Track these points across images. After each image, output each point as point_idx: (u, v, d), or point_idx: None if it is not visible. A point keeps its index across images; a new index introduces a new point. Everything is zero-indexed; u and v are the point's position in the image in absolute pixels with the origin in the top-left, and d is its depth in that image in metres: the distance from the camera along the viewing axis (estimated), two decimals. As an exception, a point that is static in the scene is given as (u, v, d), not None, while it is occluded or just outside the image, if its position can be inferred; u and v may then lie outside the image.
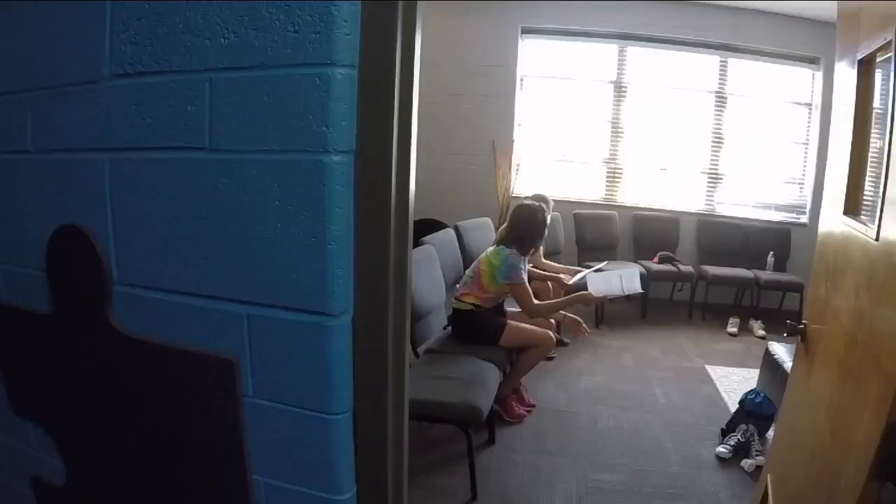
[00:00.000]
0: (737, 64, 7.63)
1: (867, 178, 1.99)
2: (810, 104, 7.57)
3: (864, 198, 1.97)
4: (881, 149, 1.64)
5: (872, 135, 1.95)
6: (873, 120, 1.99)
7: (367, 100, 1.16)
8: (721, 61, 7.62)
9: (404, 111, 1.21)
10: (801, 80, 7.59)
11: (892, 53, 1.63)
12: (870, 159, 1.97)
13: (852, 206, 1.99)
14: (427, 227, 5.73)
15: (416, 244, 4.23)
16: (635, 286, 4.43)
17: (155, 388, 1.40)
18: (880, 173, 1.62)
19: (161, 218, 1.30)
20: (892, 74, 1.61)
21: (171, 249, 1.30)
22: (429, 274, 4.12)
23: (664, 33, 7.43)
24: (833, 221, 2.13)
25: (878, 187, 1.62)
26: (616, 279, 4.49)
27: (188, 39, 1.20)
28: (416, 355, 3.79)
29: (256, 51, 1.15)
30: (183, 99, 1.23)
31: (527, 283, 4.09)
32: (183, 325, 1.31)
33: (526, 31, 7.59)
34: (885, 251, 1.54)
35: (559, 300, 4.44)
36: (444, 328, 4.25)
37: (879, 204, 1.58)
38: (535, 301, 4.11)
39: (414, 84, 1.22)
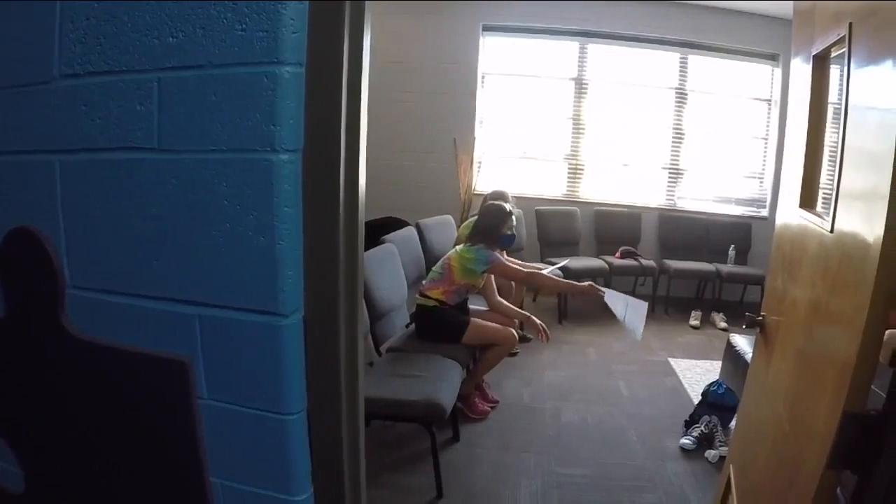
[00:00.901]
0: (697, 61, 7.72)
1: (822, 172, 2.02)
2: (770, 100, 7.71)
3: (820, 191, 2.01)
4: (836, 143, 1.66)
5: (827, 129, 1.99)
6: (828, 114, 2.02)
7: (314, 98, 1.15)
8: (681, 58, 7.71)
9: (352, 110, 1.20)
10: (761, 77, 7.72)
11: (845, 49, 1.65)
12: (825, 153, 2.00)
13: (808, 199, 2.03)
14: (389, 225, 5.73)
15: (378, 243, 4.23)
16: (636, 330, 4.02)
17: (109, 391, 1.37)
18: (835, 167, 1.64)
19: (112, 219, 1.27)
20: (846, 69, 1.63)
21: (123, 251, 1.27)
22: (390, 272, 4.11)
23: (625, 30, 7.49)
24: (790, 214, 2.16)
25: (833, 180, 1.64)
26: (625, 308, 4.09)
27: (137, 39, 1.18)
28: (379, 354, 3.77)
29: (204, 50, 1.13)
30: (132, 99, 1.21)
31: (504, 261, 4.18)
32: (136, 328, 1.29)
33: (487, 28, 7.59)
34: (839, 242, 1.57)
35: (566, 281, 4.56)
36: (407, 326, 4.24)
37: (834, 197, 1.61)
38: (529, 270, 4.17)
39: (362, 83, 1.22)
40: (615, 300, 4.17)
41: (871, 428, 1.32)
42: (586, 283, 4.29)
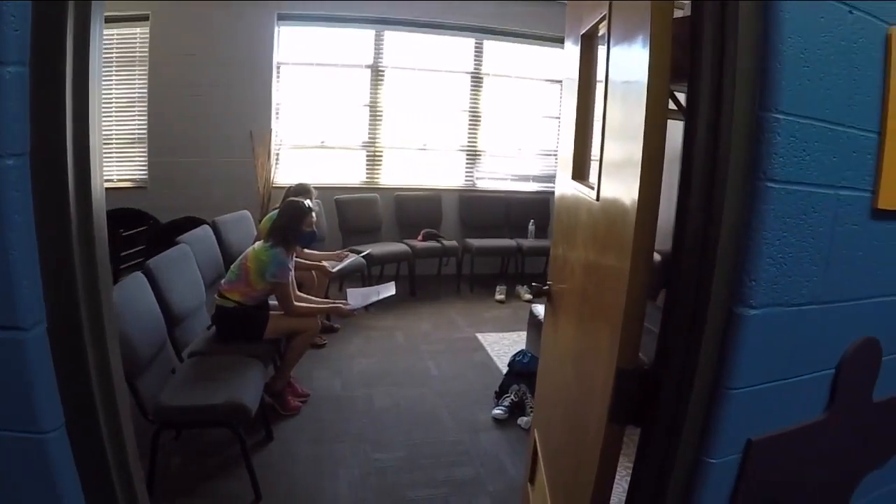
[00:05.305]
0: (492, 45, 8.01)
1: (590, 145, 2.14)
2: (561, 81, 8.05)
3: (588, 163, 2.12)
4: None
5: (595, 105, 2.11)
6: (595, 91, 2.14)
7: (38, 99, 1.08)
8: (477, 43, 7.95)
9: (79, 109, 1.14)
10: (553, 59, 8.11)
11: (605, 30, 1.75)
12: (592, 128, 2.12)
13: (579, 171, 2.14)
14: (187, 225, 5.51)
15: (172, 244, 4.03)
16: (389, 292, 4.68)
17: None
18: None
19: None
20: (607, 46, 1.73)
21: None
22: (185, 274, 3.91)
23: (420, 17, 7.59)
24: (565, 186, 2.28)
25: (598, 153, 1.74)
26: (373, 291, 4.72)
27: None
28: (181, 359, 3.59)
29: None
30: None
31: (290, 283, 4.06)
32: None
33: (282, 17, 7.37)
34: (603, 209, 1.67)
35: (317, 306, 4.43)
36: (209, 328, 4.07)
37: (599, 166, 1.71)
38: (295, 303, 4.07)
39: (90, 84, 1.15)
40: (365, 295, 4.68)
41: (646, 382, 1.40)
42: (337, 304, 4.48)
